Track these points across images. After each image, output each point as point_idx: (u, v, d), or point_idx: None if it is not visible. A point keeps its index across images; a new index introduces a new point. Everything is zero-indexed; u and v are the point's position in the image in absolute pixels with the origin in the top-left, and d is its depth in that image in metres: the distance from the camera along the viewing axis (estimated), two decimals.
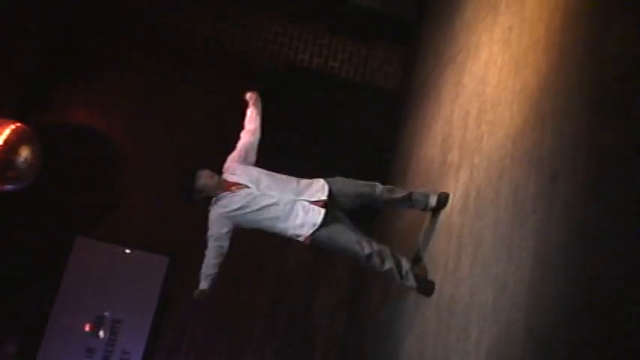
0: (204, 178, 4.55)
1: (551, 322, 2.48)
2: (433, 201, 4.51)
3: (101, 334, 6.92)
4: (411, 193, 4.59)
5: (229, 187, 4.51)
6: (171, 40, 7.68)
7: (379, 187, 4.61)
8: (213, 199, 4.54)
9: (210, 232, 4.55)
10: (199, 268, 4.57)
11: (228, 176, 4.57)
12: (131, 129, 7.52)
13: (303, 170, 4.44)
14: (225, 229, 4.53)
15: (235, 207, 4.45)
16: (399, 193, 4.61)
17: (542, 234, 2.77)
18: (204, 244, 4.56)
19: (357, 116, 7.15)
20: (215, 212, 4.54)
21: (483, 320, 3.19)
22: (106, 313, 6.97)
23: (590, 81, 2.68)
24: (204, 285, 4.57)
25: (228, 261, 4.51)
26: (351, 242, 4.34)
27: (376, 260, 4.32)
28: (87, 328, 6.94)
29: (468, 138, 4.34)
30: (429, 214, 4.65)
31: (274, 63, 7.69)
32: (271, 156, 4.87)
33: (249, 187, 4.46)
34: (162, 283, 7.08)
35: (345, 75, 7.78)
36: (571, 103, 2.81)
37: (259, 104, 4.89)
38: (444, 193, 4.47)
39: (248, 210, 4.44)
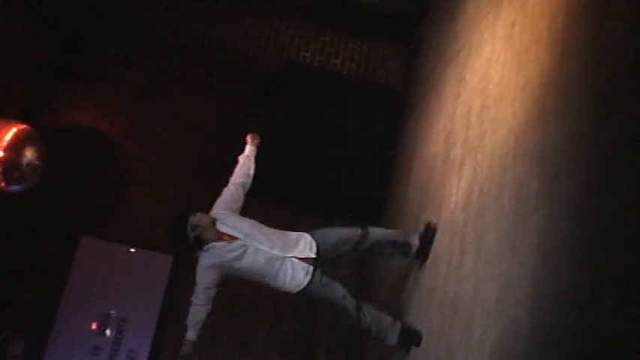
0: (198, 217, 4.49)
1: (555, 319, 2.48)
2: (415, 241, 4.62)
3: (107, 332, 6.94)
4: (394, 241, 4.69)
5: (222, 236, 4.48)
6: (173, 40, 7.68)
7: (360, 231, 4.66)
8: (205, 247, 4.49)
9: (199, 282, 4.53)
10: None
11: (219, 226, 4.51)
12: (134, 129, 7.53)
13: (303, 170, 4.44)
14: (216, 279, 4.53)
15: (231, 256, 4.43)
16: (384, 231, 4.73)
17: (545, 231, 2.77)
18: None
19: (359, 114, 7.14)
20: (207, 261, 4.51)
21: (487, 317, 3.20)
22: (111, 312, 6.99)
23: (593, 77, 2.68)
24: (192, 335, 4.57)
25: None
26: (335, 297, 4.43)
27: (360, 317, 4.42)
28: (93, 327, 6.96)
29: (470, 135, 4.34)
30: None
31: (276, 61, 7.68)
32: (272, 155, 4.89)
33: (241, 239, 4.45)
34: (167, 282, 7.09)
35: (347, 72, 7.77)
36: (574, 99, 2.81)
37: (256, 148, 4.86)
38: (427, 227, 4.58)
39: (240, 263, 4.44)
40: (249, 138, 4.88)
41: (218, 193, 4.74)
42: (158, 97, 7.60)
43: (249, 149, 4.82)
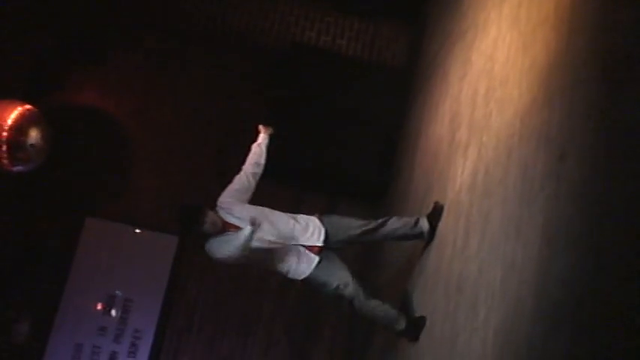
0: (208, 215, 4.42)
1: (559, 300, 2.49)
2: (425, 224, 4.60)
3: (113, 313, 6.98)
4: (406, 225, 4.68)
5: (229, 227, 4.45)
6: (179, 22, 7.67)
7: (373, 223, 4.65)
8: (211, 239, 4.47)
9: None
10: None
11: (225, 216, 4.48)
12: (140, 110, 7.52)
13: (309, 150, 4.43)
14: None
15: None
16: (395, 225, 4.67)
17: (550, 212, 2.77)
18: None
19: (365, 95, 7.13)
20: (214, 241, 4.49)
21: (492, 298, 3.21)
22: (117, 293, 7.02)
23: (599, 58, 2.66)
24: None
25: None
26: (340, 286, 4.44)
27: (364, 305, 4.45)
28: (99, 307, 7.00)
29: (476, 116, 4.33)
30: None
31: (281, 42, 7.66)
32: (277, 136, 4.87)
33: None
34: (172, 263, 7.12)
35: (352, 53, 7.75)
36: (580, 80, 2.80)
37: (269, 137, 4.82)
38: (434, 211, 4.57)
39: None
40: (262, 127, 4.84)
41: (222, 173, 4.73)
42: (164, 79, 7.59)
43: (261, 137, 4.78)
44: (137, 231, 7.22)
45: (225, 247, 4.39)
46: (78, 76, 7.45)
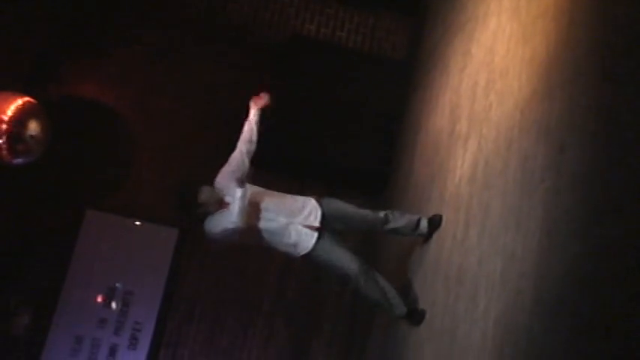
0: (205, 193, 4.47)
1: (559, 292, 2.49)
2: (425, 226, 4.63)
3: (113, 305, 6.99)
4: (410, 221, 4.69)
5: (225, 206, 4.47)
6: (179, 14, 7.66)
7: (373, 215, 4.67)
8: (209, 216, 4.49)
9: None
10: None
11: (223, 196, 4.50)
12: (140, 103, 7.51)
13: (309, 142, 4.43)
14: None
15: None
16: (397, 222, 4.68)
17: (550, 204, 2.77)
18: None
19: (364, 87, 7.12)
20: (211, 218, 4.51)
21: (491, 289, 3.21)
22: (117, 285, 7.03)
23: (600, 49, 2.66)
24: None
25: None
26: (342, 264, 4.46)
27: (367, 284, 4.45)
28: (99, 300, 7.00)
29: (476, 108, 4.33)
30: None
31: (281, 34, 7.65)
32: (276, 127, 4.86)
33: None
34: (172, 255, 7.12)
35: (352, 45, 7.74)
36: (580, 72, 2.80)
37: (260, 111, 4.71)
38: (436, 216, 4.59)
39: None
40: (252, 102, 4.71)
41: (222, 165, 4.71)
42: (164, 70, 7.58)
43: (252, 113, 4.67)
44: (137, 223, 7.22)
45: (222, 222, 4.42)
46: (78, 69, 7.44)
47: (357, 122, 7.02)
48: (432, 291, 4.31)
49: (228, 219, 4.39)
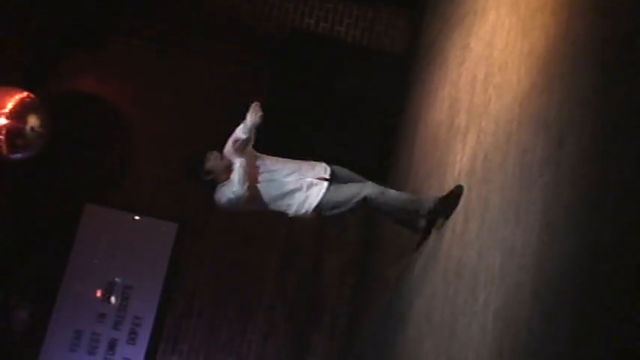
0: (214, 159, 4.49)
1: (558, 285, 2.50)
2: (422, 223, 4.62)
3: (112, 299, 7.00)
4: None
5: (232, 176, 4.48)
6: (179, 8, 7.65)
7: (369, 188, 4.55)
8: (219, 185, 4.51)
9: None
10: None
11: (231, 164, 4.50)
12: (140, 97, 7.52)
13: (307, 134, 4.43)
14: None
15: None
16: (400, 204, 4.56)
17: (549, 197, 2.77)
18: (212, 211, 4.54)
19: (363, 81, 7.12)
20: (219, 188, 4.51)
21: (491, 283, 3.22)
22: (116, 279, 7.04)
23: (598, 43, 2.66)
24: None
25: (237, 223, 4.46)
26: (354, 192, 4.44)
27: (385, 195, 4.42)
28: (98, 294, 7.01)
29: (475, 102, 4.33)
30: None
31: (280, 28, 7.65)
32: (278, 122, 4.86)
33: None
34: (171, 249, 7.13)
35: (351, 39, 7.74)
36: (579, 65, 2.80)
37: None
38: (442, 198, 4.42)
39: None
40: (249, 113, 4.55)
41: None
42: (163, 64, 7.58)
43: (248, 120, 4.53)
44: (137, 217, 7.23)
45: (226, 192, 4.45)
46: (78, 63, 7.44)
47: (355, 116, 7.02)
48: (431, 284, 4.31)
49: (231, 189, 4.42)
